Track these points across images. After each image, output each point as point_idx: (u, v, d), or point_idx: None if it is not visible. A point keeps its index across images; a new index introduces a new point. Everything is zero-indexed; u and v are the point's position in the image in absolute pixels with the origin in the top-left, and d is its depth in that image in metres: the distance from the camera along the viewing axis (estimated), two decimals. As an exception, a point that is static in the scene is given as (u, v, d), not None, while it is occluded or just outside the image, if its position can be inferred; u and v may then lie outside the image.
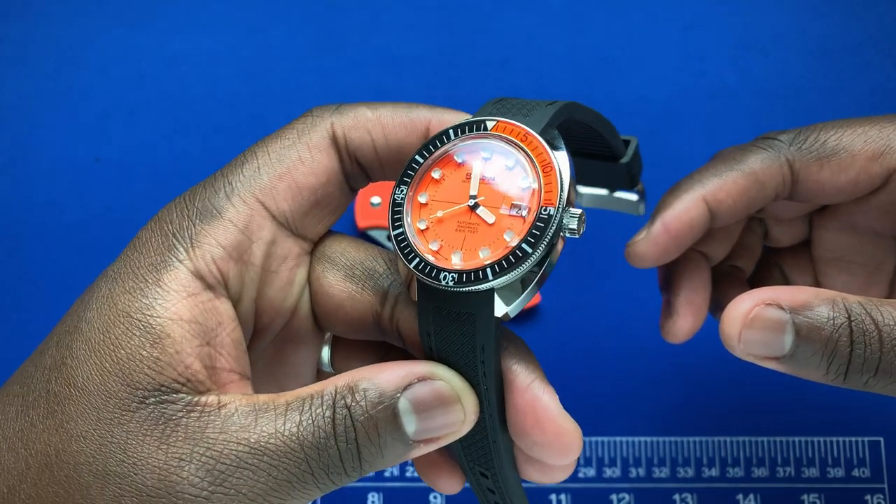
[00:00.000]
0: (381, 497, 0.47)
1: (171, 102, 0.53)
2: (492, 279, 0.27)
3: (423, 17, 0.54)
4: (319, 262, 0.31)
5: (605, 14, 0.54)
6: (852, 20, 0.54)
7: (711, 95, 0.53)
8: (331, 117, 0.31)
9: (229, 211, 0.29)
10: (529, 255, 0.27)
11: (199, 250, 0.28)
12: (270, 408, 0.27)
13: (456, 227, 0.29)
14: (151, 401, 0.26)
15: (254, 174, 0.30)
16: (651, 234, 0.35)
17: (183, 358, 0.27)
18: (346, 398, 0.27)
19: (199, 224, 0.29)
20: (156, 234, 0.29)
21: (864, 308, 0.28)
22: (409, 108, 0.31)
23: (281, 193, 0.30)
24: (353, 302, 0.31)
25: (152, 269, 0.28)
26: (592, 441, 0.48)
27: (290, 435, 0.26)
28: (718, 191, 0.34)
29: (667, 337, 0.38)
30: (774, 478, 0.47)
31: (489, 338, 0.28)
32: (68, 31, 0.54)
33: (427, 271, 0.28)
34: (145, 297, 0.27)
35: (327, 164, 0.30)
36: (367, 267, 0.31)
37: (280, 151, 0.30)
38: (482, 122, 0.29)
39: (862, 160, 0.33)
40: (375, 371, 0.28)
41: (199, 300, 0.28)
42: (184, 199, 0.30)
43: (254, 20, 0.54)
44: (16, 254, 0.51)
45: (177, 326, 0.27)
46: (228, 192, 0.29)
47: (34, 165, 0.52)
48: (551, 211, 0.27)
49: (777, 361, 0.29)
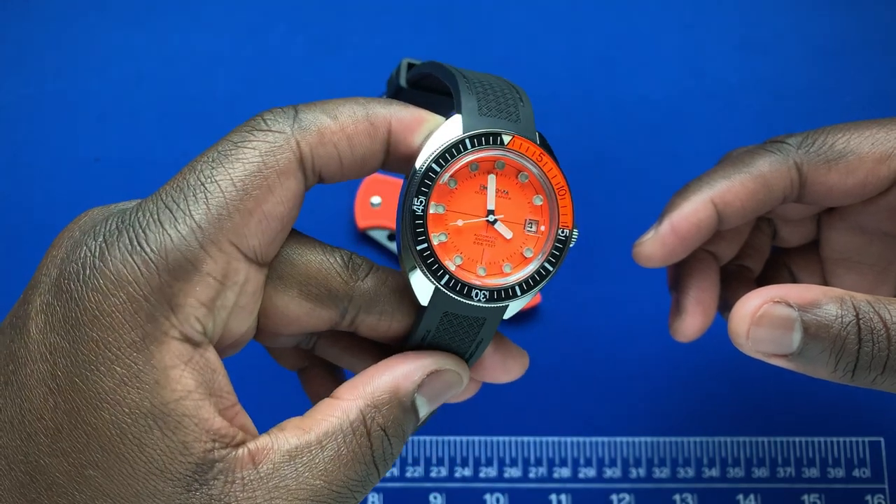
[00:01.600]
0: (382, 497, 0.47)
1: (170, 102, 0.53)
2: (521, 296, 0.29)
3: (423, 17, 0.54)
4: (271, 282, 0.29)
5: (605, 14, 0.54)
6: (852, 20, 0.54)
7: (711, 95, 0.53)
8: (293, 135, 0.28)
9: (207, 263, 0.26)
10: (551, 273, 0.30)
11: (181, 314, 0.26)
12: (304, 451, 0.27)
13: (474, 240, 0.30)
14: (195, 486, 0.26)
15: (223, 213, 0.26)
16: (658, 234, 0.35)
17: (204, 426, 0.26)
18: (375, 419, 0.28)
19: (175, 283, 0.26)
20: (121, 301, 0.25)
21: (873, 306, 0.29)
22: (366, 108, 0.29)
23: (252, 230, 0.27)
24: (309, 318, 0.30)
25: (137, 348, 0.25)
26: (592, 441, 0.48)
27: (334, 480, 0.27)
28: (727, 193, 0.35)
29: (675, 336, 0.38)
30: (775, 478, 0.47)
31: (490, 335, 0.30)
32: (68, 31, 0.54)
33: (458, 289, 0.29)
34: (145, 385, 0.25)
35: (295, 188, 0.28)
36: (322, 281, 0.29)
37: (245, 180, 0.27)
38: (498, 136, 0.29)
39: (869, 163, 0.33)
40: (388, 379, 0.29)
41: (195, 363, 0.26)
42: (140, 248, 0.26)
43: (254, 20, 0.54)
44: (16, 254, 0.51)
45: (189, 402, 0.26)
46: (201, 239, 0.26)
47: (34, 165, 0.52)
48: (567, 233, 0.30)
49: (785, 359, 0.29)
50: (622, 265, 0.40)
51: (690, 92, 0.53)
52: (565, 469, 0.47)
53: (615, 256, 0.49)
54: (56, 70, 0.53)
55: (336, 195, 0.51)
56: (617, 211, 0.51)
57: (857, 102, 0.52)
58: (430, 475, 0.47)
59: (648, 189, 0.51)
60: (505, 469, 0.47)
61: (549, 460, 0.48)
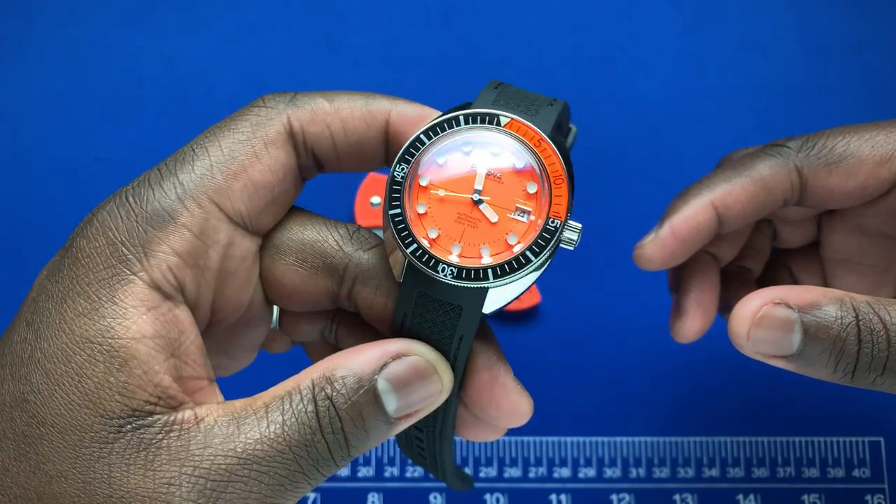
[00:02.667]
0: (381, 497, 0.47)
1: (170, 102, 0.53)
2: (492, 280, 0.27)
3: (423, 17, 0.54)
4: (268, 251, 0.30)
5: (605, 14, 0.54)
6: (852, 20, 0.54)
7: (711, 95, 0.53)
8: (286, 110, 0.29)
9: (183, 215, 0.27)
10: (532, 262, 0.28)
11: (153, 259, 0.27)
12: (250, 413, 0.26)
13: (455, 217, 0.28)
14: (128, 428, 0.25)
15: (206, 172, 0.28)
16: (659, 237, 0.35)
17: (152, 377, 0.26)
18: (325, 389, 0.27)
19: (150, 230, 0.27)
20: (101, 244, 0.27)
21: (872, 307, 0.29)
22: (368, 99, 0.30)
23: (236, 193, 0.28)
24: (307, 286, 0.30)
25: (104, 284, 0.26)
26: (592, 441, 0.48)
27: (275, 438, 0.26)
28: (727, 196, 0.35)
29: (676, 337, 0.38)
30: (775, 478, 0.47)
31: (470, 330, 0.28)
32: (68, 31, 0.54)
33: (425, 260, 0.28)
34: (103, 319, 0.26)
35: (284, 160, 0.29)
36: (318, 249, 0.30)
37: (233, 147, 0.28)
38: (495, 117, 0.28)
39: (870, 165, 0.34)
40: (349, 357, 0.27)
41: (160, 312, 0.26)
42: (126, 201, 0.27)
43: (253, 20, 0.54)
44: (16, 254, 0.51)
45: (141, 346, 0.26)
46: (180, 194, 0.27)
47: (34, 165, 0.52)
48: (558, 223, 0.28)
49: (785, 360, 0.29)
50: (622, 265, 0.40)
51: (690, 92, 0.53)
52: (565, 469, 0.47)
53: (615, 256, 0.49)
54: (56, 70, 0.53)
55: (336, 195, 0.51)
56: (617, 211, 0.51)
57: (857, 102, 0.52)
58: (429, 475, 0.47)
59: (649, 189, 0.51)
60: (505, 469, 0.47)
61: (548, 460, 0.48)
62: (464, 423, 0.32)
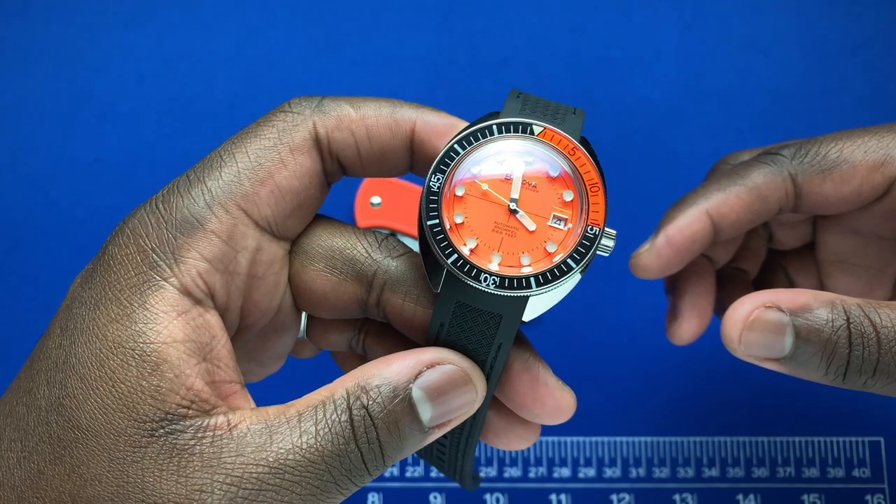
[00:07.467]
0: (381, 497, 0.47)
1: (170, 102, 0.53)
2: (535, 289, 0.28)
3: (423, 17, 0.54)
4: (297, 257, 0.30)
5: (605, 14, 0.54)
6: (852, 20, 0.54)
7: (711, 95, 0.53)
8: (312, 116, 0.29)
9: (211, 221, 0.28)
10: (573, 269, 0.28)
11: (183, 265, 0.27)
12: (283, 422, 0.26)
13: (493, 227, 0.29)
14: (161, 432, 0.25)
15: (234, 179, 0.28)
16: (654, 246, 0.35)
17: (184, 380, 0.26)
18: (360, 398, 0.27)
19: (180, 237, 0.27)
20: (132, 251, 0.27)
21: (863, 310, 0.29)
22: (394, 107, 0.30)
23: (263, 199, 0.28)
24: (336, 293, 0.30)
25: (136, 290, 0.27)
26: (592, 441, 0.48)
27: (308, 448, 0.26)
28: (722, 205, 0.35)
29: (672, 339, 0.38)
30: (775, 478, 0.47)
31: (509, 339, 0.28)
32: (68, 31, 0.54)
33: (466, 270, 0.28)
34: (134, 324, 0.26)
35: (310, 166, 0.29)
36: (347, 256, 0.30)
37: (260, 153, 0.29)
38: (528, 126, 0.29)
39: (863, 171, 0.34)
40: (382, 366, 0.27)
41: (190, 317, 0.27)
42: (157, 209, 0.28)
43: (254, 20, 0.54)
44: (16, 254, 0.51)
45: (172, 349, 0.26)
46: (209, 201, 0.28)
47: (34, 165, 0.52)
48: (597, 230, 0.28)
49: (777, 363, 0.30)
50: (622, 265, 0.40)
51: (690, 92, 0.53)
52: (565, 469, 0.47)
53: (615, 257, 0.49)
54: (56, 70, 0.53)
55: (336, 195, 0.51)
56: (617, 210, 0.51)
57: (856, 103, 0.52)
58: (429, 475, 0.47)
59: (648, 189, 0.51)
60: (505, 469, 0.47)
61: (548, 460, 0.48)
62: (495, 432, 0.32)
